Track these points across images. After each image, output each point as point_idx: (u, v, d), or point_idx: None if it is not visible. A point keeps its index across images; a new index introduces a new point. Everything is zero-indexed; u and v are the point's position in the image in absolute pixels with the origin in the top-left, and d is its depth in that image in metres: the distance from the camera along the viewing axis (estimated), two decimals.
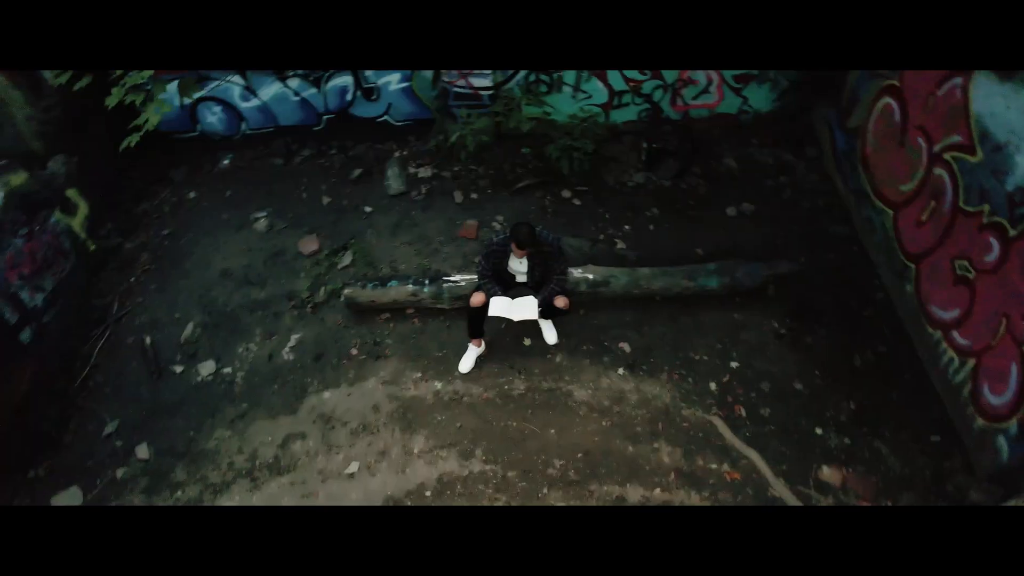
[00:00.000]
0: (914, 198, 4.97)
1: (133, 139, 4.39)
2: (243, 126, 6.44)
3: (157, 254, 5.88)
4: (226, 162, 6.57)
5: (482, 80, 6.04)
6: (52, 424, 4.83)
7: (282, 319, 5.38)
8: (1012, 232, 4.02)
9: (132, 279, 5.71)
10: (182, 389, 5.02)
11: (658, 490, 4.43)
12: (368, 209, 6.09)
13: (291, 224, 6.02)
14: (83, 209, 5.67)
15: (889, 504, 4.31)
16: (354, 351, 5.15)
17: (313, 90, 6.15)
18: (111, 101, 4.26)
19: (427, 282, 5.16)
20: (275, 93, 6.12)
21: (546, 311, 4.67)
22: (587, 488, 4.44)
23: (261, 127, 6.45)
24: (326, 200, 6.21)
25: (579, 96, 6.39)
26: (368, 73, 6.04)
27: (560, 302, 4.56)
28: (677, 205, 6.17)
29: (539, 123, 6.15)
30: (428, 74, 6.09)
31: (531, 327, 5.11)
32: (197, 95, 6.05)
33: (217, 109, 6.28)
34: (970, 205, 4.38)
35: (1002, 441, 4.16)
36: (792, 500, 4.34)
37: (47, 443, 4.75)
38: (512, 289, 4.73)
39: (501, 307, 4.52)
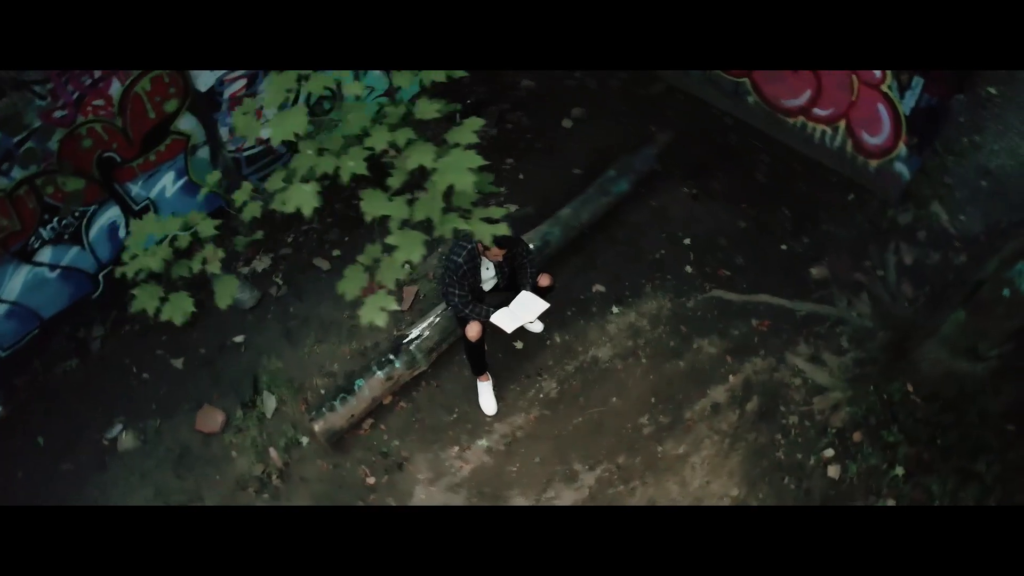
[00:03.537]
0: None
1: None
2: None
3: None
4: None
5: (268, 131, 5.42)
6: None
7: None
8: None
9: None
10: None
11: (731, 376, 4.93)
12: (239, 339, 5.22)
13: (164, 415, 4.91)
14: None
15: (869, 264, 5.39)
16: (370, 480, 4.59)
17: (75, 249, 4.92)
18: None
19: (392, 357, 4.74)
20: (24, 281, 4.77)
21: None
22: (683, 419, 4.75)
23: (22, 337, 5.00)
24: (178, 363, 5.16)
25: (363, 94, 6.13)
26: (135, 191, 5.02)
27: (544, 280, 4.59)
28: (520, 145, 6.42)
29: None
30: (205, 156, 5.28)
31: (515, 331, 5.06)
32: None
33: None
34: None
35: (899, 166, 5.44)
36: (819, 309, 5.18)
37: None
38: (485, 300, 4.61)
39: (509, 321, 4.39)
